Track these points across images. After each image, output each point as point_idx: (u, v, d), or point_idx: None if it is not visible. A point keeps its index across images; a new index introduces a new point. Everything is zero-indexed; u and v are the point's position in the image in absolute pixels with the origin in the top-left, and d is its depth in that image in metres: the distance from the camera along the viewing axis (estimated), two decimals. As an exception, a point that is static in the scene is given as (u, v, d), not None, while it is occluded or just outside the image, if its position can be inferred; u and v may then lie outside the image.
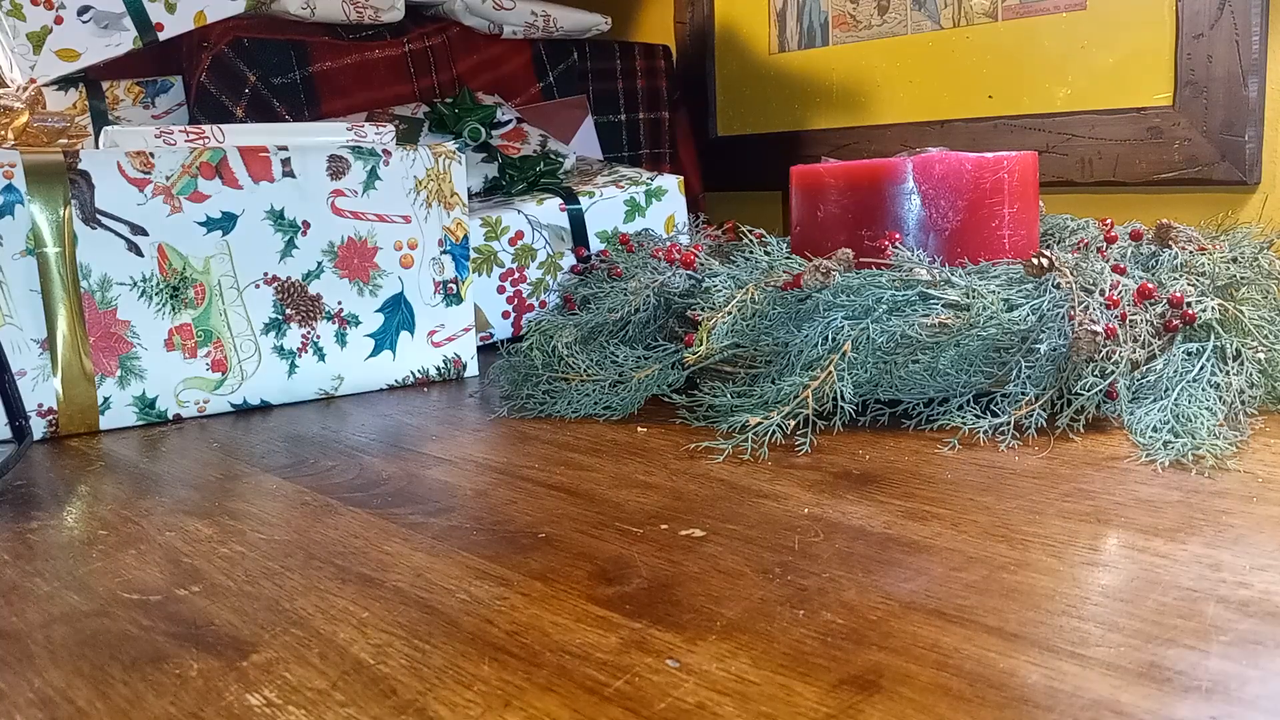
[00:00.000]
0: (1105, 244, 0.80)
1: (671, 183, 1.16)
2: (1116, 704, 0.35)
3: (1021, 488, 0.57)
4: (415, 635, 0.42)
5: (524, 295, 1.09)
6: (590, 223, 1.11)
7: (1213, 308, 0.70)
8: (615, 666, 0.39)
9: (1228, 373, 0.68)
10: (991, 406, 0.69)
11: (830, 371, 0.68)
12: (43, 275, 0.77)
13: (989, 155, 0.79)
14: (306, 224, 0.86)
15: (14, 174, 0.76)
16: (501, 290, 1.07)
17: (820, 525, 0.53)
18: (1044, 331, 0.68)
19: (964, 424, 0.68)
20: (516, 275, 1.08)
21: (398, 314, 0.92)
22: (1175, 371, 0.68)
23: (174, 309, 0.82)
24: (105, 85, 1.13)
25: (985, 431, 0.67)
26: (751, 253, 0.83)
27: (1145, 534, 0.50)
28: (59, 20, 1.00)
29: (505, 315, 1.08)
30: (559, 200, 1.10)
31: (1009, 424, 0.67)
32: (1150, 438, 0.63)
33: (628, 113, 1.45)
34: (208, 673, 0.40)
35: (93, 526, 0.57)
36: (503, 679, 0.38)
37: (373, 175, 0.89)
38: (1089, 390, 0.66)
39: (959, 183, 0.78)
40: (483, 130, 1.19)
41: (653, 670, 0.38)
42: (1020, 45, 1.21)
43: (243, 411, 0.85)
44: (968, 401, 0.70)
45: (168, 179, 0.81)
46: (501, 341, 1.07)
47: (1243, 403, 0.68)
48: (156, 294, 0.81)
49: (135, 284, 0.80)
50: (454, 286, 0.95)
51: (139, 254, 0.80)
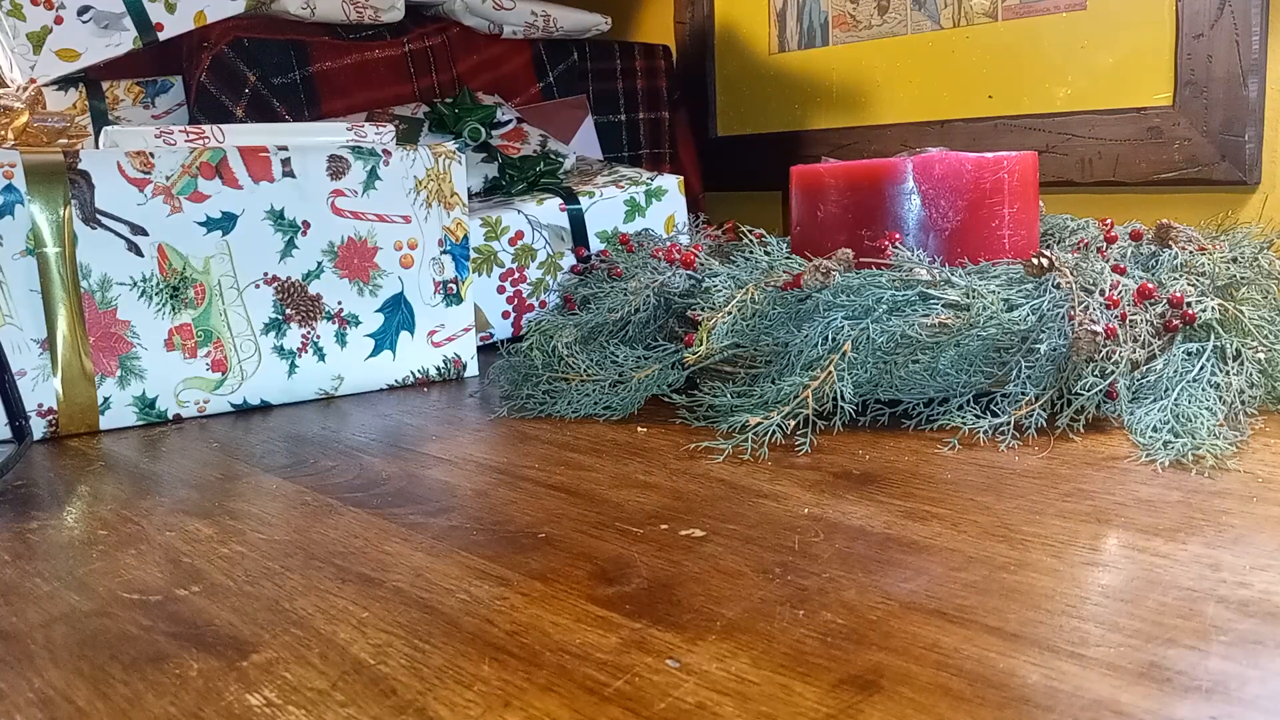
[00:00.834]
0: (1105, 244, 0.80)
1: (671, 183, 1.16)
2: (1116, 704, 0.35)
3: (1021, 488, 0.57)
4: (415, 635, 0.42)
5: (524, 295, 1.09)
6: (590, 223, 1.11)
7: (1213, 308, 0.70)
8: (615, 666, 0.39)
9: (1228, 373, 0.68)
10: (991, 406, 0.69)
11: (830, 371, 0.68)
12: (43, 275, 0.77)
13: (989, 155, 0.79)
14: (306, 224, 0.86)
15: (14, 174, 0.76)
16: (501, 290, 1.07)
17: (820, 525, 0.53)
18: (1044, 331, 0.68)
19: (964, 424, 0.68)
20: (516, 275, 1.08)
21: (398, 314, 0.92)
22: (1175, 371, 0.68)
23: (174, 309, 0.82)
24: (105, 85, 1.13)
25: (985, 431, 0.67)
26: (751, 253, 0.83)
27: (1145, 534, 0.50)
28: (59, 20, 1.00)
29: (505, 315, 1.08)
30: (559, 200, 1.10)
31: (1009, 424, 0.67)
32: (1150, 438, 0.63)
33: (628, 113, 1.45)
34: (208, 673, 0.40)
35: (93, 526, 0.57)
36: (503, 679, 0.38)
37: (373, 175, 0.89)
38: (1089, 390, 0.66)
39: (959, 183, 0.78)
40: (483, 130, 1.19)
41: (653, 670, 0.38)
42: (1020, 45, 1.21)
43: (243, 411, 0.85)
44: (968, 401, 0.70)
45: (168, 179, 0.81)
46: (501, 341, 1.07)
47: (1243, 403, 0.68)
48: (156, 294, 0.81)
49: (135, 284, 0.80)
50: (454, 286, 0.95)
51: (139, 254, 0.80)
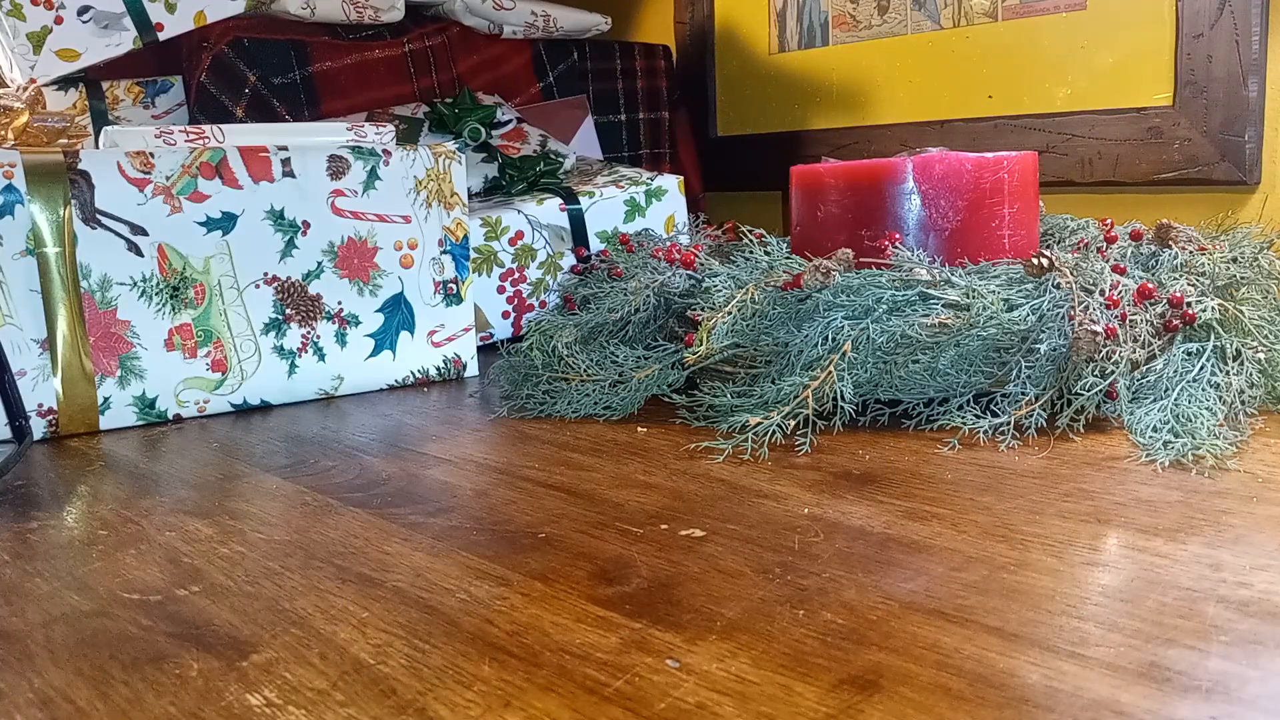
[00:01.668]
0: (1105, 244, 0.80)
1: (671, 183, 1.16)
2: (1116, 704, 0.35)
3: (1021, 488, 0.57)
4: (415, 635, 0.42)
5: (524, 295, 1.09)
6: (590, 223, 1.11)
7: (1213, 308, 0.70)
8: (615, 666, 0.39)
9: (1228, 373, 0.68)
10: (991, 406, 0.69)
11: (830, 371, 0.68)
12: (43, 275, 0.77)
13: (989, 155, 0.79)
14: (306, 224, 0.86)
15: (14, 174, 0.76)
16: (501, 290, 1.07)
17: (820, 525, 0.53)
18: (1044, 331, 0.68)
19: (964, 424, 0.68)
20: (516, 275, 1.08)
21: (398, 314, 0.92)
22: (1175, 371, 0.68)
23: (174, 309, 0.82)
24: (105, 85, 1.13)
25: (985, 431, 0.67)
26: (751, 253, 0.83)
27: (1145, 534, 0.50)
28: (59, 20, 1.00)
29: (505, 315, 1.08)
30: (559, 200, 1.10)
31: (1009, 424, 0.67)
32: (1150, 438, 0.63)
33: (628, 113, 1.45)
34: (208, 673, 0.40)
35: (93, 526, 0.57)
36: (503, 679, 0.38)
37: (373, 175, 0.89)
38: (1089, 390, 0.66)
39: (959, 183, 0.78)
40: (483, 130, 1.19)
41: (653, 670, 0.38)
42: (1020, 45, 1.21)
43: (243, 411, 0.85)
44: (968, 401, 0.70)
45: (168, 179, 0.81)
46: (501, 341, 1.07)
47: (1243, 403, 0.68)
48: (156, 294, 0.81)
49: (135, 284, 0.80)
50: (454, 286, 0.95)
51: (139, 254, 0.80)
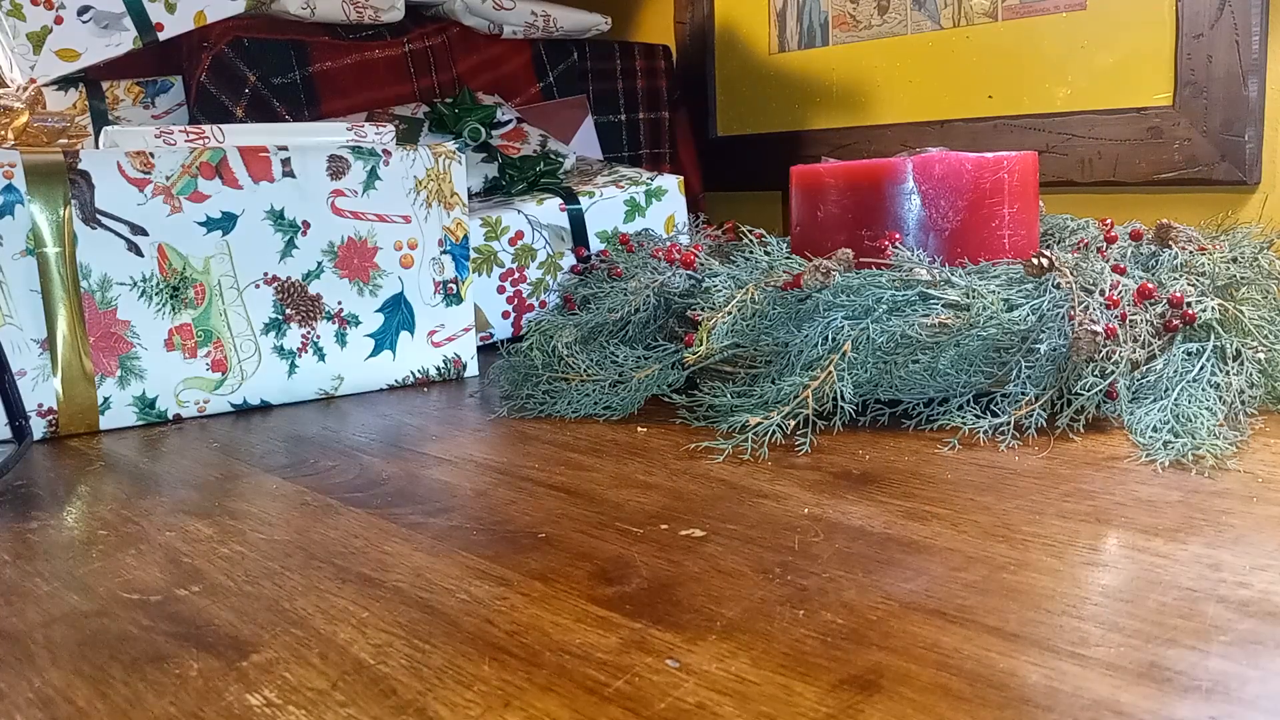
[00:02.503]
0: (1105, 244, 0.80)
1: (671, 183, 1.16)
2: (1116, 704, 0.35)
3: (1021, 488, 0.57)
4: (415, 635, 0.42)
5: (524, 295, 1.09)
6: (590, 223, 1.11)
7: (1213, 308, 0.70)
8: (615, 666, 0.39)
9: (1228, 373, 0.68)
10: (991, 406, 0.69)
11: (830, 371, 0.68)
12: (43, 275, 0.77)
13: (989, 155, 0.79)
14: (306, 224, 0.86)
15: (14, 174, 0.76)
16: (501, 290, 1.07)
17: (820, 525, 0.53)
18: (1044, 331, 0.68)
19: (964, 424, 0.68)
20: (516, 275, 1.08)
21: (398, 314, 0.92)
22: (1175, 371, 0.68)
23: (174, 309, 0.82)
24: (105, 85, 1.13)
25: (985, 431, 0.67)
26: (751, 253, 0.83)
27: (1145, 534, 0.50)
28: (59, 20, 1.00)
29: (505, 315, 1.08)
30: (559, 200, 1.10)
31: (1009, 424, 0.67)
32: (1150, 438, 0.63)
33: (628, 113, 1.45)
34: (208, 673, 0.40)
35: (93, 526, 0.57)
36: (503, 679, 0.38)
37: (373, 175, 0.89)
38: (1089, 390, 0.66)
39: (959, 183, 0.78)
40: (483, 130, 1.19)
41: (653, 670, 0.38)
42: (1020, 45, 1.21)
43: (243, 411, 0.85)
44: (968, 401, 0.70)
45: (168, 179, 0.81)
46: (501, 341, 1.07)
47: (1243, 403, 0.68)
48: (156, 294, 0.81)
49: (135, 284, 0.80)
50: (454, 286, 0.95)
51: (139, 254, 0.80)
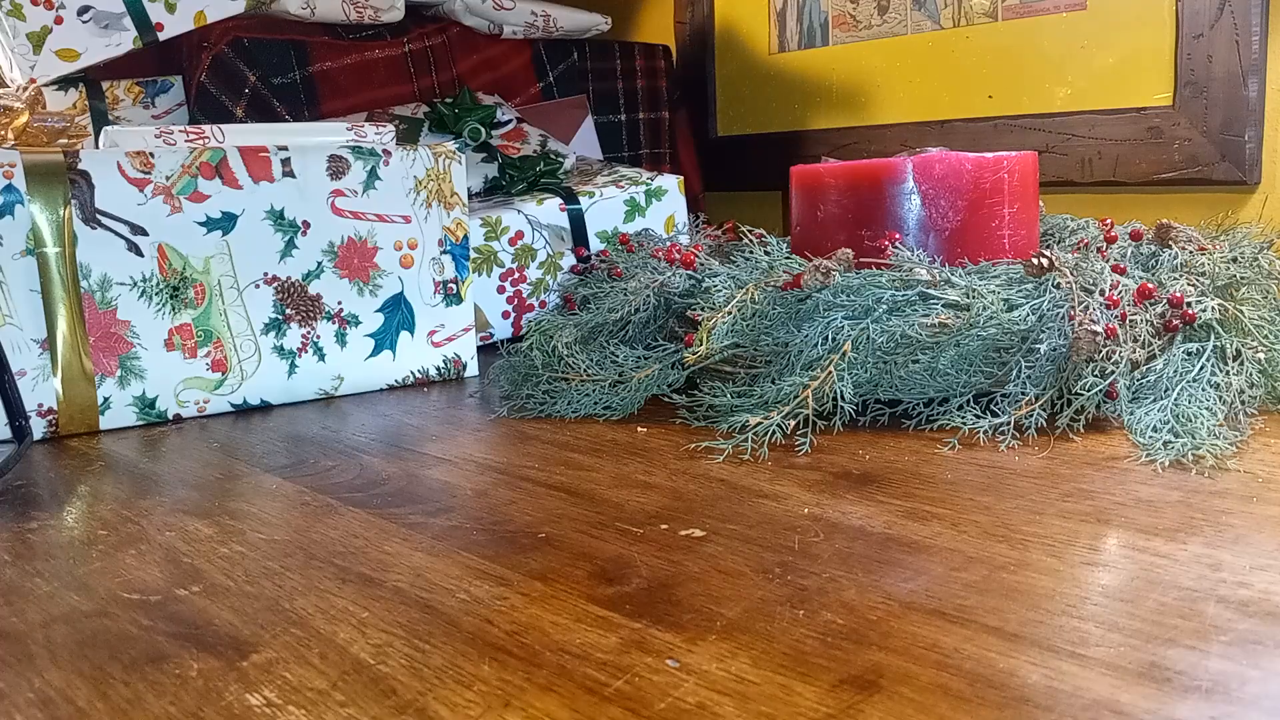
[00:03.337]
0: (1105, 244, 0.80)
1: (671, 183, 1.16)
2: (1116, 704, 0.35)
3: (1021, 488, 0.57)
4: (415, 635, 0.42)
5: (524, 295, 1.09)
6: (590, 223, 1.11)
7: (1213, 308, 0.70)
8: (615, 666, 0.39)
9: (1228, 373, 0.68)
10: (991, 406, 0.69)
11: (830, 371, 0.68)
12: (43, 275, 0.77)
13: (989, 155, 0.79)
14: (306, 224, 0.86)
15: (14, 174, 0.76)
16: (501, 290, 1.07)
17: (820, 525, 0.53)
18: (1044, 331, 0.68)
19: (964, 424, 0.68)
20: (516, 275, 1.08)
21: (398, 314, 0.92)
22: (1175, 371, 0.68)
23: (174, 309, 0.82)
24: (105, 85, 1.13)
25: (985, 431, 0.67)
26: (751, 253, 0.83)
27: (1145, 534, 0.50)
28: (59, 20, 1.00)
29: (505, 315, 1.08)
30: (559, 200, 1.10)
31: (1009, 424, 0.67)
32: (1150, 438, 0.63)
33: (628, 113, 1.45)
34: (208, 673, 0.40)
35: (93, 526, 0.57)
36: (503, 679, 0.38)
37: (373, 175, 0.89)
38: (1089, 390, 0.66)
39: (959, 183, 0.78)
40: (483, 130, 1.19)
41: (653, 670, 0.38)
42: (1020, 45, 1.21)
43: (243, 411, 0.85)
44: (968, 401, 0.70)
45: (168, 179, 0.81)
46: (501, 341, 1.07)
47: (1243, 403, 0.67)
48: (156, 294, 0.81)
49: (135, 284, 0.80)
50: (454, 286, 0.95)
51: (139, 254, 0.80)
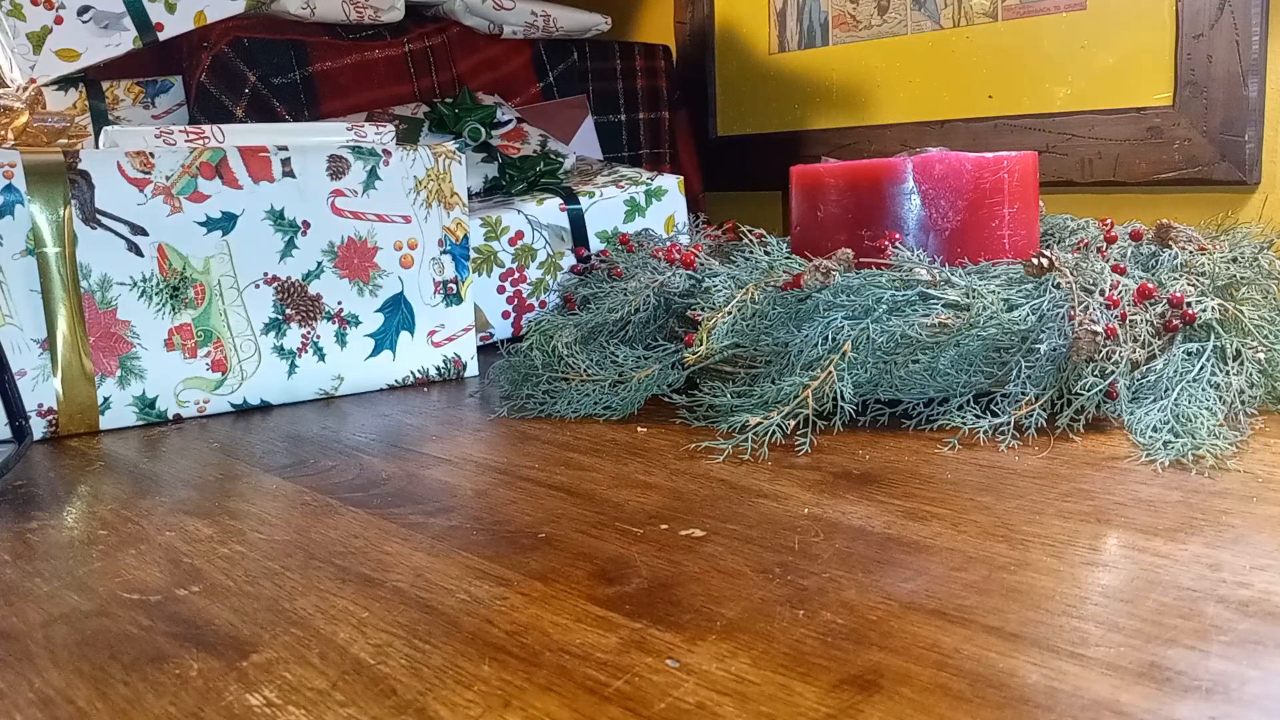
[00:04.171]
0: (1105, 244, 0.80)
1: (671, 183, 1.16)
2: (1116, 704, 0.35)
3: (1021, 488, 0.57)
4: (415, 635, 0.42)
5: (524, 295, 1.09)
6: (590, 223, 1.11)
7: (1213, 308, 0.70)
8: (615, 666, 0.39)
9: (1228, 373, 0.68)
10: (991, 406, 0.69)
11: (830, 371, 0.68)
12: (43, 275, 0.77)
13: (989, 155, 0.79)
14: (306, 224, 0.86)
15: (14, 174, 0.76)
16: (501, 290, 1.07)
17: (820, 525, 0.53)
18: (1044, 331, 0.68)
19: (964, 424, 0.68)
20: (516, 275, 1.08)
21: (398, 314, 0.92)
22: (1175, 371, 0.68)
23: (174, 309, 0.82)
24: (105, 85, 1.13)
25: (985, 431, 0.67)
26: (751, 253, 0.83)
27: (1145, 534, 0.50)
28: (59, 20, 1.00)
29: (505, 315, 1.08)
30: (559, 200, 1.10)
31: (1009, 424, 0.67)
32: (1150, 438, 0.63)
33: (628, 113, 1.45)
34: (208, 673, 0.40)
35: (93, 526, 0.57)
36: (503, 679, 0.38)
37: (373, 175, 0.89)
38: (1089, 390, 0.66)
39: (959, 183, 0.78)
40: (483, 130, 1.19)
41: (653, 670, 0.38)
42: (1020, 45, 1.21)
43: (243, 411, 0.85)
44: (968, 401, 0.70)
45: (168, 179, 0.81)
46: (501, 341, 1.07)
47: (1243, 403, 0.67)
48: (156, 294, 0.81)
49: (135, 284, 0.80)
50: (454, 286, 0.95)
51: (139, 254, 0.80)
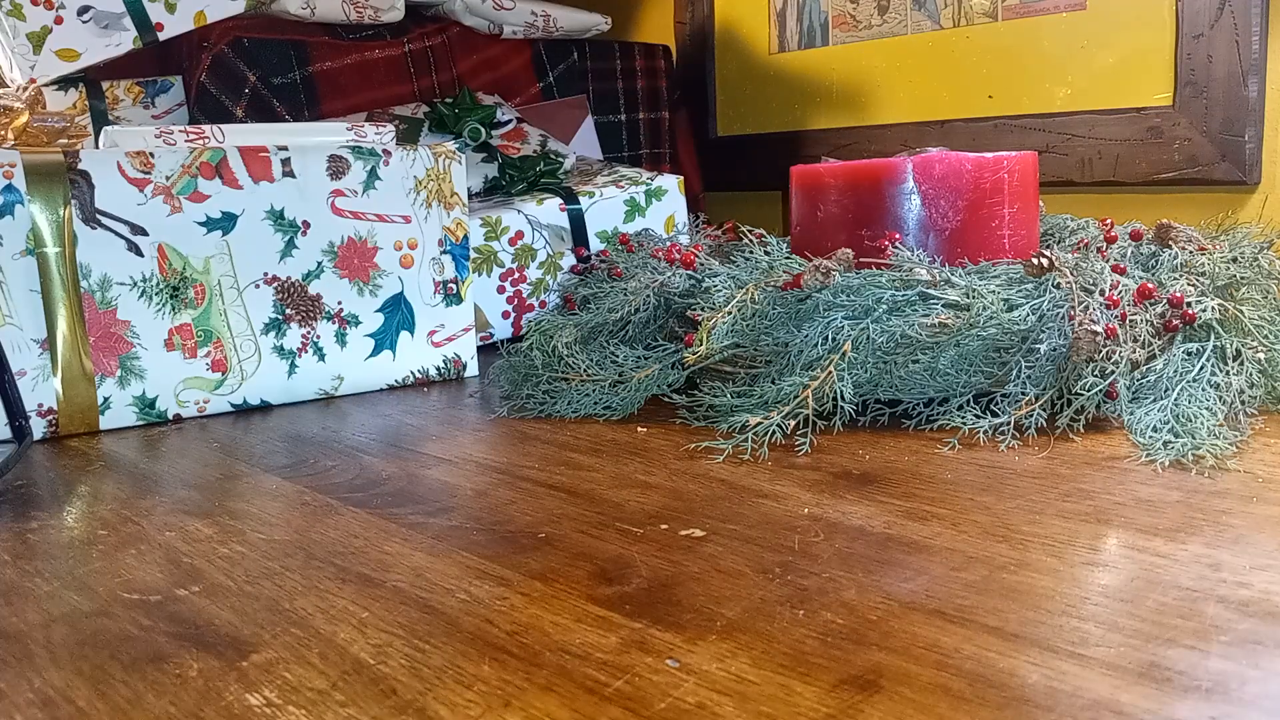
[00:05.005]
0: (1105, 244, 0.80)
1: (671, 183, 1.16)
2: (1116, 704, 0.35)
3: (1021, 488, 0.57)
4: (415, 635, 0.42)
5: (524, 295, 1.09)
6: (590, 223, 1.11)
7: (1213, 308, 0.70)
8: (615, 666, 0.39)
9: (1228, 373, 0.68)
10: (991, 406, 0.69)
11: (830, 371, 0.68)
12: (43, 275, 0.77)
13: (989, 155, 0.79)
14: (306, 224, 0.86)
15: (14, 174, 0.76)
16: (501, 290, 1.07)
17: (820, 525, 0.53)
18: (1044, 331, 0.68)
19: (964, 424, 0.68)
20: (516, 275, 1.08)
21: (398, 314, 0.92)
22: (1175, 371, 0.68)
23: (174, 309, 0.82)
24: (105, 85, 1.13)
25: (985, 431, 0.67)
26: (751, 253, 0.83)
27: (1145, 534, 0.50)
28: (59, 20, 1.00)
29: (505, 315, 1.08)
30: (559, 200, 1.10)
31: (1009, 424, 0.67)
32: (1150, 438, 0.63)
33: (628, 113, 1.45)
34: (208, 673, 0.40)
35: (93, 526, 0.57)
36: (503, 679, 0.38)
37: (373, 175, 0.89)
38: (1089, 390, 0.66)
39: (959, 183, 0.78)
40: (483, 130, 1.19)
41: (653, 670, 0.38)
42: (1020, 45, 1.21)
43: (243, 411, 0.85)
44: (968, 401, 0.70)
45: (168, 179, 0.81)
46: (501, 341, 1.07)
47: (1243, 403, 0.68)
48: (156, 294, 0.81)
49: (135, 284, 0.80)
50: (454, 286, 0.95)
51: (139, 254, 0.80)
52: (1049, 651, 0.38)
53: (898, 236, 0.77)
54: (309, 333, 0.87)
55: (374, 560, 0.51)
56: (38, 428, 0.78)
